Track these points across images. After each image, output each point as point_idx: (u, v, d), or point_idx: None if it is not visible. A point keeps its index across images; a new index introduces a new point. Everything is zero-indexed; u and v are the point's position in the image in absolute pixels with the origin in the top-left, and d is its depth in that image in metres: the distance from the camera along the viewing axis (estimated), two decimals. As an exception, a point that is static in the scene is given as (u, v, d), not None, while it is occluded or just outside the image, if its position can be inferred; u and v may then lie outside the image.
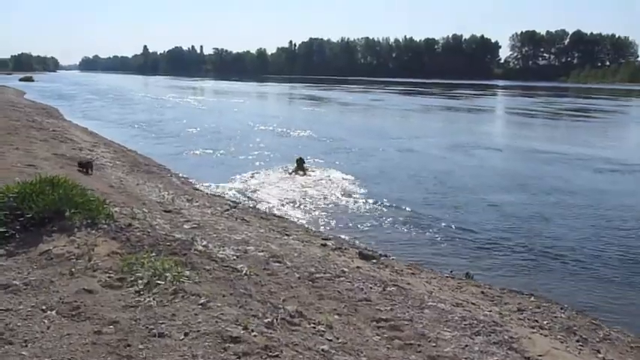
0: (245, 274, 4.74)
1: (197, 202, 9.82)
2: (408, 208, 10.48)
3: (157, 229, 5.78)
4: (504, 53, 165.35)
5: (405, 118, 33.84)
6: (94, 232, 5.29)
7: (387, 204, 10.73)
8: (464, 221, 9.68)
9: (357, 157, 16.89)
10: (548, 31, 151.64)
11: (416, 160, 16.85)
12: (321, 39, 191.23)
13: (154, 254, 4.88)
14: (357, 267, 6.16)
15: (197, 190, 11.64)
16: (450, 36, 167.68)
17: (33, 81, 76.82)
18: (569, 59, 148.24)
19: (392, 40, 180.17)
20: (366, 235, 8.91)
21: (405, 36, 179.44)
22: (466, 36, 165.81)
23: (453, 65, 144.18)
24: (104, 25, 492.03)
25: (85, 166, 10.38)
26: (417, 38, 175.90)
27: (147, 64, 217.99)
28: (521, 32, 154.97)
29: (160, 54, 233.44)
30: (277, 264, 5.37)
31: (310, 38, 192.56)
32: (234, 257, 5.26)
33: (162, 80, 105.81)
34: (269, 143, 18.99)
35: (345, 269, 5.74)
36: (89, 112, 30.14)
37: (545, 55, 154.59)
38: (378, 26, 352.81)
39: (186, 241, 5.46)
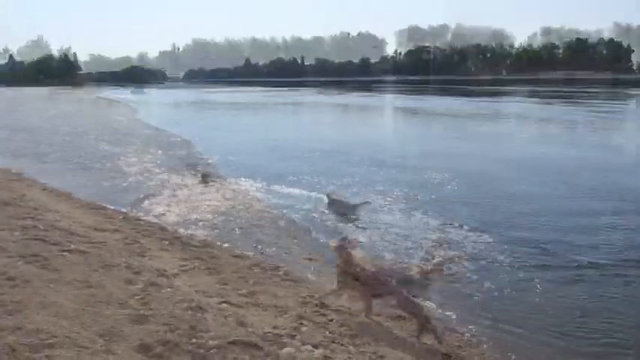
0: None
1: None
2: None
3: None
4: (391, 49, 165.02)
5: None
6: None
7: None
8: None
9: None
10: (430, 26, 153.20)
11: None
12: (205, 39, 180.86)
13: None
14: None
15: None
16: (338, 34, 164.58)
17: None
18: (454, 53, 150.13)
19: (279, 39, 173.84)
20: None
21: (293, 35, 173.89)
22: (353, 33, 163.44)
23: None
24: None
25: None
26: (304, 37, 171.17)
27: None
28: (406, 28, 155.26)
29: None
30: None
31: (193, 39, 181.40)
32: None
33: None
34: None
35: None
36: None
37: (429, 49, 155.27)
38: (263, 25, 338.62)
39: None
